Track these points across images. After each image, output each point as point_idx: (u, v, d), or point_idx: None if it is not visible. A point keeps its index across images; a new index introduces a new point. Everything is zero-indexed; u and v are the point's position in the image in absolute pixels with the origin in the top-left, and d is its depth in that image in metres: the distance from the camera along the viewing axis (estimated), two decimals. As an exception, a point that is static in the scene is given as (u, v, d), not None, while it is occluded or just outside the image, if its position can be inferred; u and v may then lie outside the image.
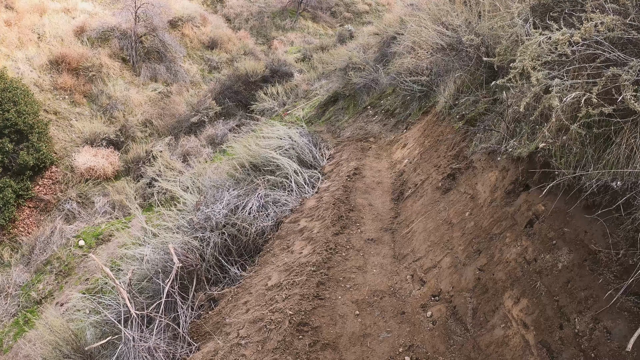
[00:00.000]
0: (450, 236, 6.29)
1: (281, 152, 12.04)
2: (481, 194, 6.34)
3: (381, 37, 19.06)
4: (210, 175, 13.57)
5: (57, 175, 20.85)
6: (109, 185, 20.06)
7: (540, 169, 4.94)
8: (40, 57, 24.82)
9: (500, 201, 5.70)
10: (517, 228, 5.15)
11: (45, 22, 27.01)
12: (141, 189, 19.25)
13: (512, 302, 4.53)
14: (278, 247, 8.32)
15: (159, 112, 25.31)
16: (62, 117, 23.35)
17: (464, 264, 5.61)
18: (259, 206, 9.77)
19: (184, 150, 21.15)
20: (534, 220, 4.95)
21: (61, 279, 14.60)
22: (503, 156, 6.11)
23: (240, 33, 36.25)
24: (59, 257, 15.34)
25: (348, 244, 7.38)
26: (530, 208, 5.09)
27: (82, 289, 13.04)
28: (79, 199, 19.61)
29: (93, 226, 17.25)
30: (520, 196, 5.42)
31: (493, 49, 7.75)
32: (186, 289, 8.07)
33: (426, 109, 11.95)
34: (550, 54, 4.20)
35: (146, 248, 9.29)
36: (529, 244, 4.81)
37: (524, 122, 5.69)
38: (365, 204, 8.88)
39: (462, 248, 5.87)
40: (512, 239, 5.10)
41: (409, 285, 6.12)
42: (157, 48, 28.95)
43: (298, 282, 6.39)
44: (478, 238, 5.70)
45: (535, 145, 4.94)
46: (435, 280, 5.82)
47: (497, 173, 6.17)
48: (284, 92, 24.54)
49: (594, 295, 3.81)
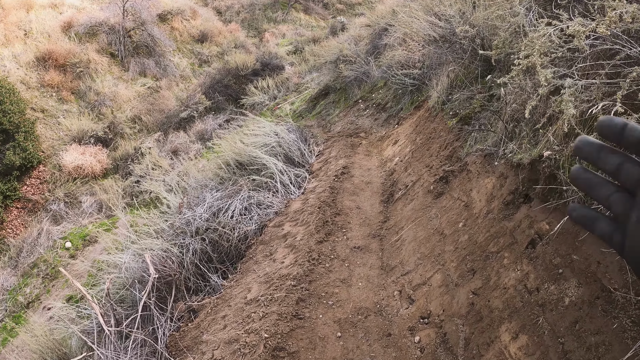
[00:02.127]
0: (442, 249, 5.70)
1: (267, 150, 11.56)
2: (476, 202, 5.74)
3: (373, 28, 18.69)
4: (195, 174, 13.18)
5: (45, 175, 20.47)
6: (96, 185, 19.62)
7: (545, 182, 4.32)
8: (27, 54, 24.33)
9: (498, 213, 5.08)
10: (516, 248, 4.52)
11: (32, 18, 26.44)
12: (129, 188, 18.85)
13: (510, 337, 3.92)
14: (261, 254, 7.82)
15: (148, 108, 24.85)
16: (49, 115, 22.94)
17: (456, 284, 5.02)
18: (243, 209, 9.26)
19: (173, 147, 20.74)
20: (537, 241, 4.32)
21: (48, 282, 14.32)
22: (501, 161, 5.49)
23: (231, 26, 35.76)
24: (46, 260, 15.03)
25: (333, 253, 6.84)
26: (533, 225, 4.45)
27: (68, 293, 12.89)
28: (67, 198, 19.22)
29: (80, 227, 16.91)
30: (521, 209, 4.79)
31: (489, 41, 7.24)
32: (165, 299, 7.62)
33: (418, 103, 11.46)
34: (558, 49, 3.62)
35: (125, 255, 8.89)
36: (530, 269, 4.18)
37: (524, 122, 5.13)
38: (353, 207, 8.35)
39: (454, 265, 5.28)
40: (511, 261, 4.49)
41: (397, 302, 5.57)
42: (146, 42, 28.42)
43: (277, 299, 5.85)
44: (472, 255, 5.10)
45: (538, 152, 4.36)
46: (425, 300, 5.24)
47: (494, 180, 5.56)
48: (274, 86, 24.18)
49: (607, 342, 3.16)
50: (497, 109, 6.11)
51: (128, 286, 8.15)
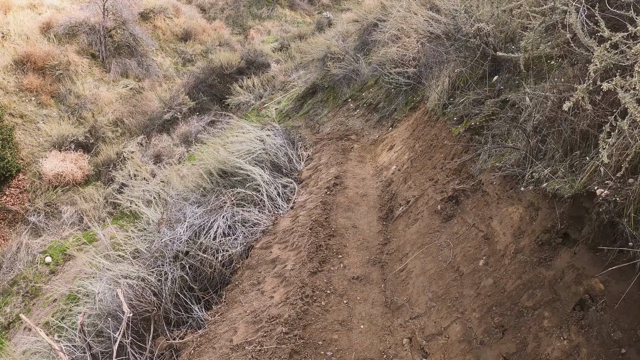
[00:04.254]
0: (460, 292, 4.80)
1: (253, 159, 10.73)
2: (499, 235, 4.83)
3: (361, 24, 18.02)
4: (177, 185, 12.40)
5: (25, 184, 19.86)
6: (77, 193, 18.89)
7: (597, 228, 3.40)
8: (5, 58, 23.58)
9: (530, 255, 4.17)
10: (560, 308, 3.63)
11: (9, 20, 25.69)
12: (111, 196, 18.10)
13: None
14: (247, 281, 7.00)
15: (131, 110, 24.14)
16: (28, 121, 22.26)
17: (481, 342, 4.12)
18: (226, 228, 8.44)
19: (156, 151, 20.04)
20: (589, 304, 3.44)
21: (28, 300, 13.78)
22: (528, 187, 4.59)
23: (216, 23, 35.05)
24: (25, 277, 14.44)
25: (328, 286, 5.99)
26: (581, 281, 3.55)
27: (49, 311, 12.09)
28: (48, 208, 18.55)
29: (61, 239, 16.23)
30: (561, 255, 3.89)
31: (501, 40, 6.42)
32: (144, 336, 6.87)
33: (414, 104, 10.69)
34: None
35: (99, 284, 8.15)
36: (581, 341, 3.30)
37: (551, 136, 4.27)
38: (349, 226, 7.51)
39: (477, 316, 4.38)
40: (553, 324, 3.59)
41: (407, 353, 4.69)
42: (127, 42, 27.65)
43: (267, 351, 4.98)
44: (500, 307, 4.19)
45: (582, 184, 3.49)
46: (442, 356, 4.33)
47: (520, 210, 4.65)
48: (260, 85, 23.54)
49: None
50: (513, 117, 5.26)
51: (101, 325, 7.38)
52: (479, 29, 6.52)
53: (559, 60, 5.21)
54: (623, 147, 3.15)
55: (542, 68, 5.44)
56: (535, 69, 5.63)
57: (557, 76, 4.75)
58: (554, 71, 5.10)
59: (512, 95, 5.96)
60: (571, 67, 4.60)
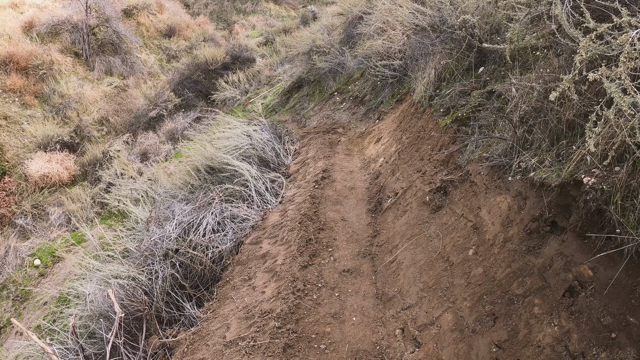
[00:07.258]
0: (451, 282, 4.85)
1: (240, 154, 10.72)
2: (488, 225, 4.88)
3: (346, 17, 18.00)
4: (164, 182, 12.35)
5: (11, 186, 19.62)
6: (64, 195, 18.76)
7: (585, 216, 3.46)
8: (-14, 59, 23.20)
9: (519, 244, 4.22)
10: (550, 295, 3.68)
11: (-9, 20, 25.38)
12: (98, 195, 18.00)
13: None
14: (238, 277, 6.99)
15: (116, 108, 23.99)
16: (12, 122, 22.04)
17: (473, 331, 4.18)
18: (215, 224, 8.44)
19: (143, 149, 19.96)
20: (578, 291, 3.48)
21: (19, 304, 13.68)
22: (516, 176, 4.65)
23: (200, 19, 34.91)
24: (15, 281, 14.33)
25: (319, 279, 6.01)
26: (570, 268, 3.59)
27: (40, 315, 12.02)
28: (35, 210, 18.39)
29: (49, 241, 16.12)
30: (550, 243, 3.94)
31: (486, 32, 6.44)
32: (136, 335, 6.86)
33: (400, 97, 10.71)
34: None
35: (89, 285, 8.13)
36: (571, 326, 3.35)
37: (538, 126, 4.31)
38: (338, 219, 7.53)
39: (468, 305, 4.43)
40: (544, 311, 3.64)
41: (400, 344, 4.74)
42: (111, 39, 27.43)
43: (260, 346, 5.01)
44: (491, 295, 4.24)
45: (569, 173, 3.55)
46: (435, 346, 4.39)
47: (509, 199, 4.70)
48: (246, 80, 23.53)
49: None
50: (499, 108, 5.29)
51: (93, 326, 7.42)
52: (465, 20, 6.57)
53: (544, 51, 5.28)
54: (609, 136, 3.23)
55: (528, 59, 5.53)
56: (521, 60, 5.68)
57: (543, 67, 4.80)
58: (539, 62, 5.17)
59: (498, 86, 6.01)
60: (557, 57, 4.65)
